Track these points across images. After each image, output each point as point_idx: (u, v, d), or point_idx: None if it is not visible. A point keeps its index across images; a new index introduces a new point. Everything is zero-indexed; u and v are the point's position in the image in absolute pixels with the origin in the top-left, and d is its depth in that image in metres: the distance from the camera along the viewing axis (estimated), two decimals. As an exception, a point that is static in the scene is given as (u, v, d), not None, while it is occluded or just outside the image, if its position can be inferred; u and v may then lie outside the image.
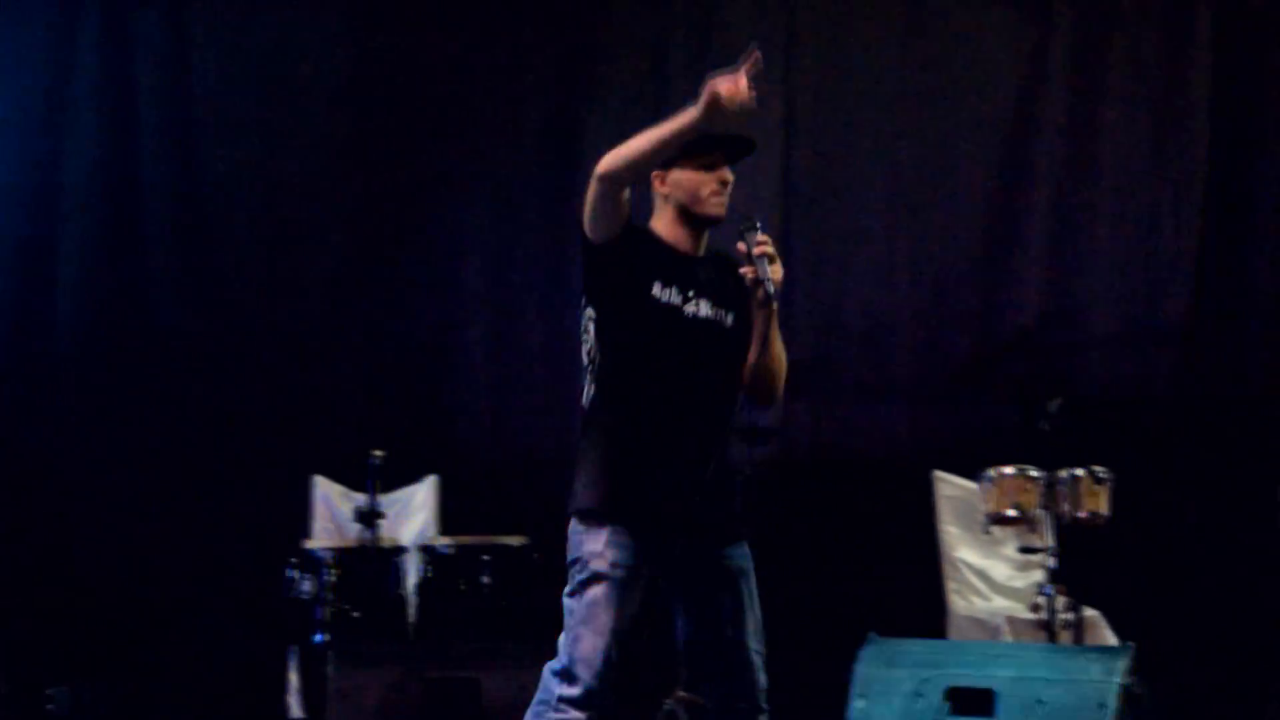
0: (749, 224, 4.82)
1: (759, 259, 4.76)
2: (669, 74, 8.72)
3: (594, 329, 4.90)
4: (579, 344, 4.97)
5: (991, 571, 7.96)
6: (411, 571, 7.78)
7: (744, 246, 4.79)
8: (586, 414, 4.93)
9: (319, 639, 7.42)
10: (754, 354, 4.90)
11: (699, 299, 4.89)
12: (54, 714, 7.05)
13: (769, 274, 4.75)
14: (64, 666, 7.38)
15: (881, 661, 5.71)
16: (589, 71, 8.80)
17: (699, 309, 4.89)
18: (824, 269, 8.69)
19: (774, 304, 4.81)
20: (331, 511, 8.29)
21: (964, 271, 8.54)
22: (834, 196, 8.05)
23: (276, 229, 8.79)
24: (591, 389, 4.91)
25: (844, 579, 6.19)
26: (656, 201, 4.95)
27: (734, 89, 4.46)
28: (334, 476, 8.37)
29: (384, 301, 8.81)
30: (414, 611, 7.68)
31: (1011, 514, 7.33)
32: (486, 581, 7.54)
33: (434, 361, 8.80)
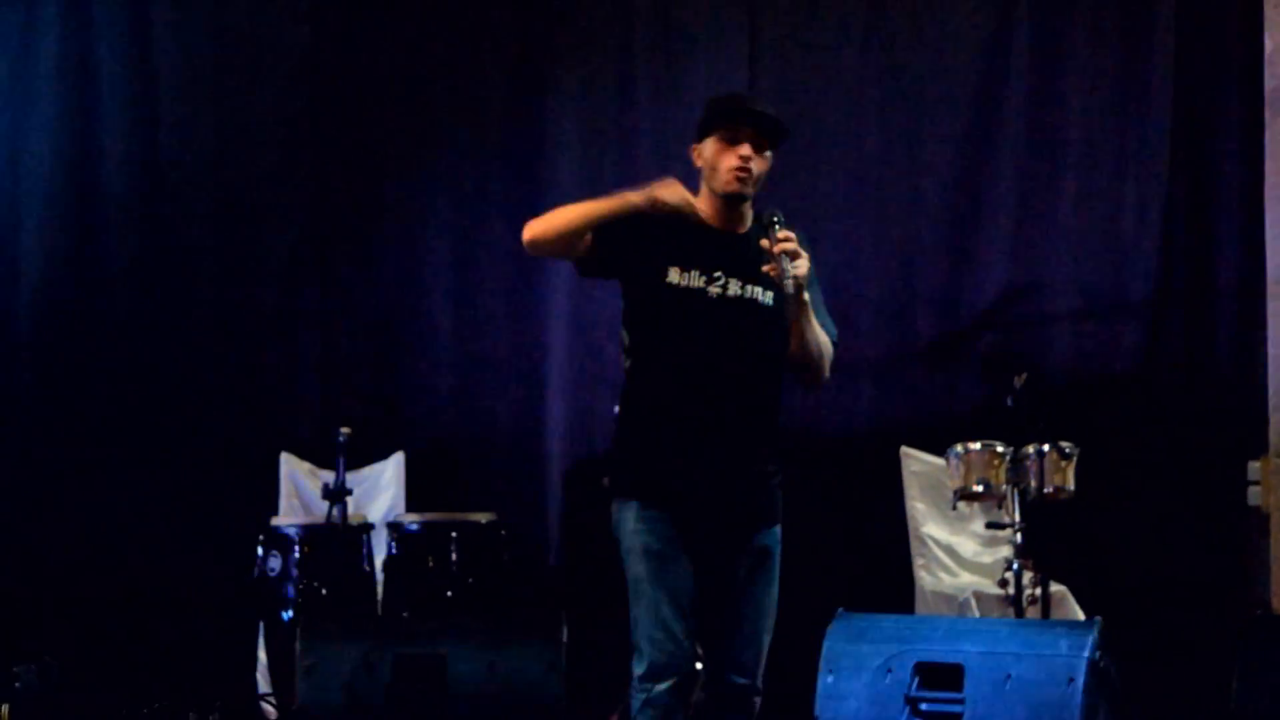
0: (771, 219, 4.84)
1: (780, 255, 4.77)
2: (633, 50, 8.71)
3: (623, 313, 4.98)
4: (593, 325, 5.05)
5: (959, 547, 8.00)
6: (379, 548, 7.79)
7: (766, 243, 4.80)
8: (621, 395, 5.02)
9: (287, 616, 7.43)
10: (792, 344, 4.92)
11: (728, 278, 4.92)
12: (21, 692, 7.02)
13: (790, 270, 4.76)
14: (31, 645, 7.34)
15: (850, 637, 5.74)
16: (551, 47, 8.77)
17: (726, 288, 4.92)
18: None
19: (804, 296, 4.82)
20: (299, 489, 8.29)
21: (929, 249, 8.53)
22: (798, 175, 8.04)
23: (239, 207, 8.76)
24: (625, 368, 4.99)
25: (812, 555, 6.19)
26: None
27: (679, 197, 4.79)
28: (301, 454, 8.37)
29: (347, 278, 8.80)
30: (382, 588, 7.69)
31: (978, 489, 7.36)
32: (454, 558, 7.55)
33: (398, 337, 8.78)
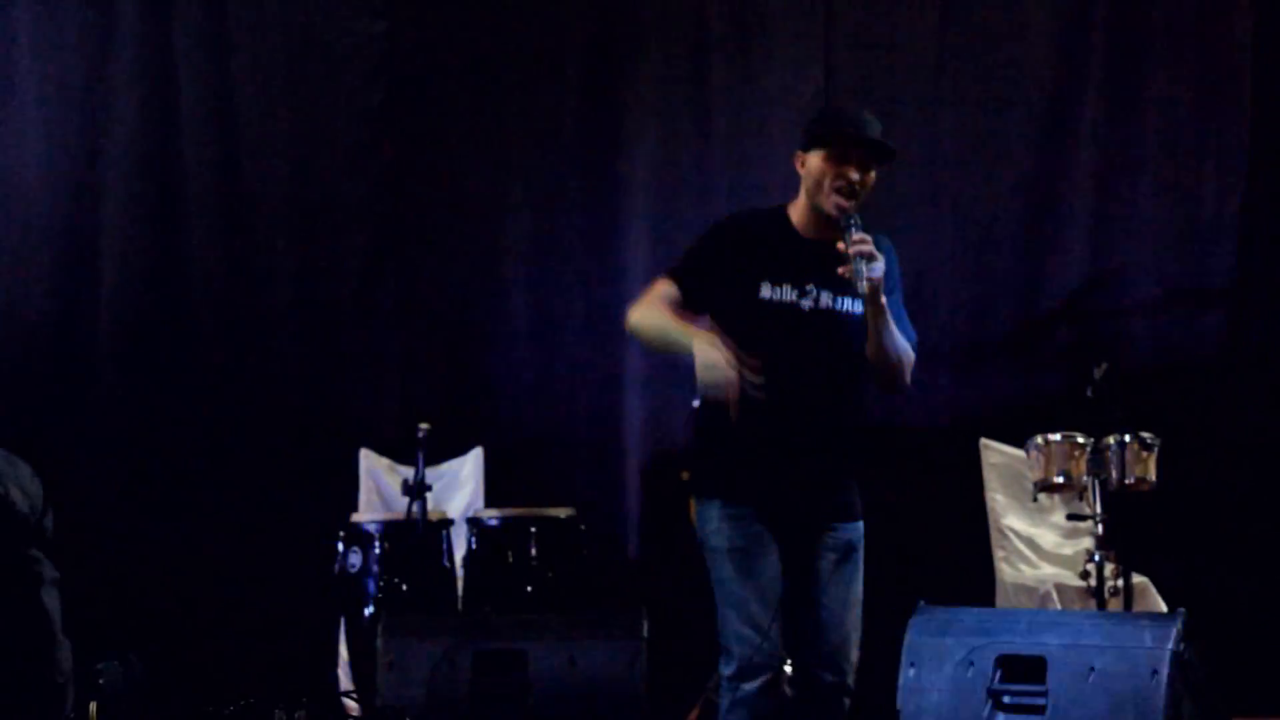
0: (847, 221, 4.86)
1: (855, 259, 4.78)
2: (708, 45, 8.69)
3: (710, 316, 4.97)
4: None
5: (1040, 539, 7.94)
6: (459, 544, 7.80)
7: (843, 246, 4.81)
8: (701, 394, 4.99)
9: (368, 612, 7.46)
10: (869, 347, 4.94)
11: (819, 290, 4.95)
12: (106, 689, 7.07)
13: (865, 273, 4.77)
14: (116, 642, 7.39)
15: (932, 630, 5.71)
16: (626, 41, 8.75)
17: (819, 301, 4.95)
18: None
19: (881, 300, 4.84)
20: (379, 485, 8.32)
21: (1008, 238, 8.48)
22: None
23: (316, 204, 8.78)
24: None
25: (892, 547, 6.17)
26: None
27: (726, 377, 4.67)
28: (380, 450, 8.40)
29: (425, 273, 8.80)
30: (462, 584, 7.71)
31: (1059, 481, 7.32)
32: (534, 553, 7.56)
33: (477, 333, 8.79)
